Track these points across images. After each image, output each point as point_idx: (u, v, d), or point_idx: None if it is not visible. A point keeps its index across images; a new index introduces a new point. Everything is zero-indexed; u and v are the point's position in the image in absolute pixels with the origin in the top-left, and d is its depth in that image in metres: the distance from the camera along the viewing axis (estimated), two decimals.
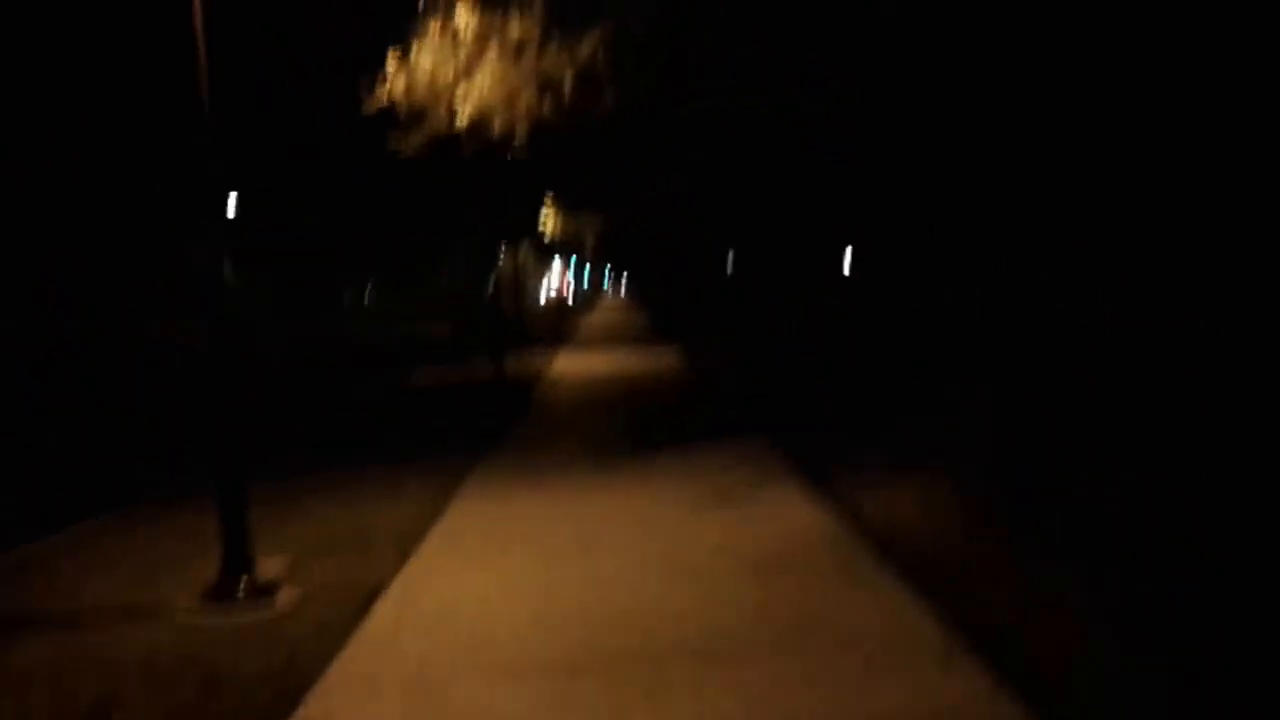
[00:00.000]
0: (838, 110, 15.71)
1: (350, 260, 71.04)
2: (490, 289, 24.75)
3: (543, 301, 53.63)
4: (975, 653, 5.49)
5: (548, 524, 9.30)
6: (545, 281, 57.04)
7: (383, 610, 7.06)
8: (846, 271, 24.31)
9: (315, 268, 71.35)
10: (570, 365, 26.55)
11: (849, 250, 23.74)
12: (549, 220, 37.47)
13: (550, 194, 33.93)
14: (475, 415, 17.38)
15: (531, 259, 33.85)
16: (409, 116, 15.71)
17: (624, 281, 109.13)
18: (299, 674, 6.02)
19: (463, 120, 15.13)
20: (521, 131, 15.50)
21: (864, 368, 16.23)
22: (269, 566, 8.06)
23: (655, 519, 9.20)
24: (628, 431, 14.82)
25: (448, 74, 15.34)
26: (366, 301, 71.00)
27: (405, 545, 8.80)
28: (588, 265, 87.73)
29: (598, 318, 57.47)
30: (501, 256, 30.06)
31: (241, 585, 7.48)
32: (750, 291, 32.07)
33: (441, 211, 27.91)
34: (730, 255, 33.30)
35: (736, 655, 5.81)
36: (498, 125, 15.24)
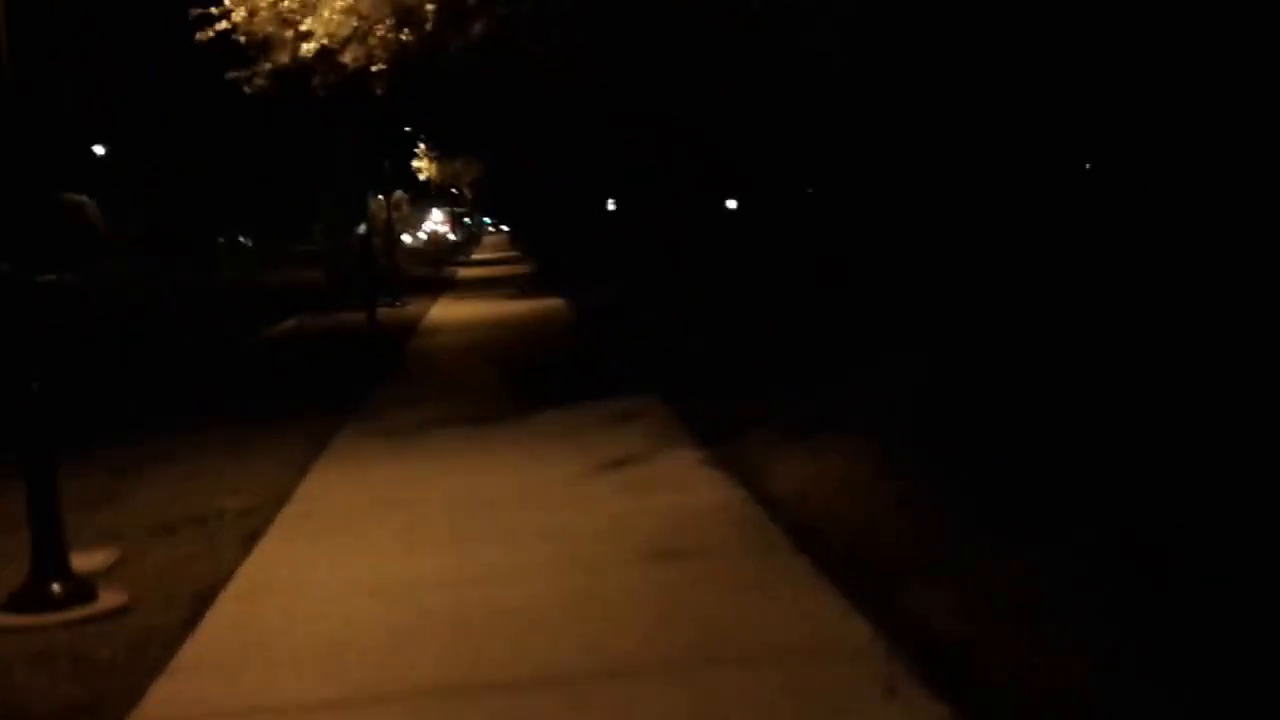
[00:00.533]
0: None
1: (222, 208, 69.49)
2: (361, 236, 23.48)
3: (423, 249, 52.14)
4: (921, 671, 4.61)
5: (417, 500, 8.26)
6: (425, 230, 55.59)
7: (217, 618, 6.01)
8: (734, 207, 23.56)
9: (186, 215, 69.76)
10: (449, 314, 25.44)
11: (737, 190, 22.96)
12: (425, 167, 36.22)
13: (423, 138, 32.67)
14: (343, 369, 16.30)
15: (407, 206, 32.49)
16: (253, 46, 14.37)
17: (507, 230, 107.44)
18: (109, 708, 4.98)
19: (312, 47, 13.79)
20: (379, 64, 14.18)
21: (763, 318, 15.39)
22: (92, 560, 6.93)
23: (539, 493, 8.20)
24: (508, 387, 13.82)
25: None
26: (242, 249, 69.27)
27: (253, 527, 7.74)
28: (468, 214, 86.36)
29: (480, 266, 56.14)
30: (373, 203, 28.88)
31: (54, 589, 6.33)
32: (636, 238, 31.17)
33: (305, 154, 26.75)
34: (612, 200, 32.33)
35: (635, 675, 4.90)
36: (350, 56, 13.90)
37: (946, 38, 12.22)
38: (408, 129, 30.99)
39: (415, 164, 36.83)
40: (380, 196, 28.84)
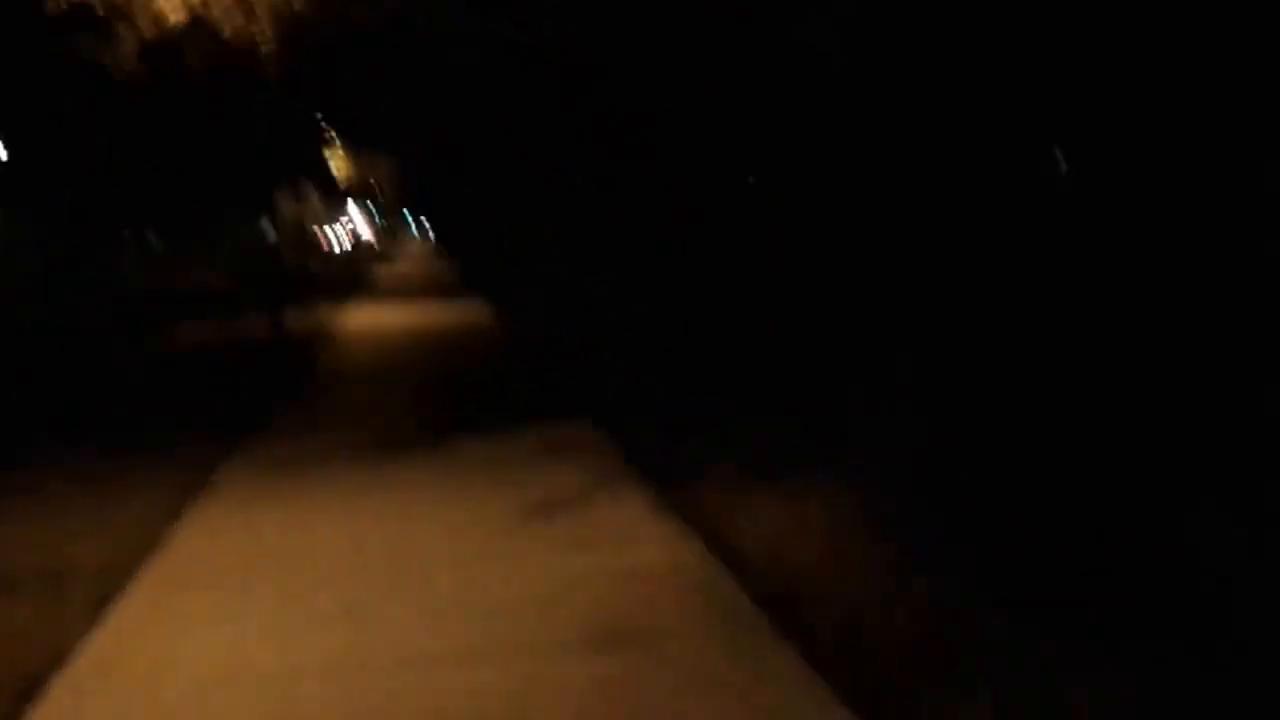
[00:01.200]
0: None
1: (126, 205, 67.42)
2: (266, 236, 22.16)
3: (337, 250, 50.53)
4: None
5: (312, 553, 7.08)
6: (339, 229, 53.95)
7: (44, 714, 4.86)
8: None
9: (85, 214, 67.42)
10: (365, 323, 24.15)
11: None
12: (337, 162, 34.76)
13: (330, 129, 31.23)
14: (239, 385, 15.01)
15: (318, 204, 31.08)
16: (113, 16, 12.68)
17: (428, 230, 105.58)
18: None
19: (180, 18, 12.13)
20: (266, 43, 12.51)
21: (720, 335, 14.34)
22: None
23: (457, 546, 7.06)
24: (425, 409, 12.64)
25: None
26: (147, 251, 67.23)
27: (111, 585, 6.57)
28: (382, 214, 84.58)
29: (399, 268, 54.53)
30: (281, 200, 27.57)
31: None
32: (570, 241, 30.04)
33: (194, 147, 25.26)
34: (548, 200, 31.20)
35: None
36: (229, 29, 12.25)
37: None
38: (318, 115, 29.52)
39: (326, 154, 35.31)
40: (284, 188, 27.51)
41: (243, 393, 14.16)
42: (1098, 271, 9.09)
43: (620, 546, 6.77)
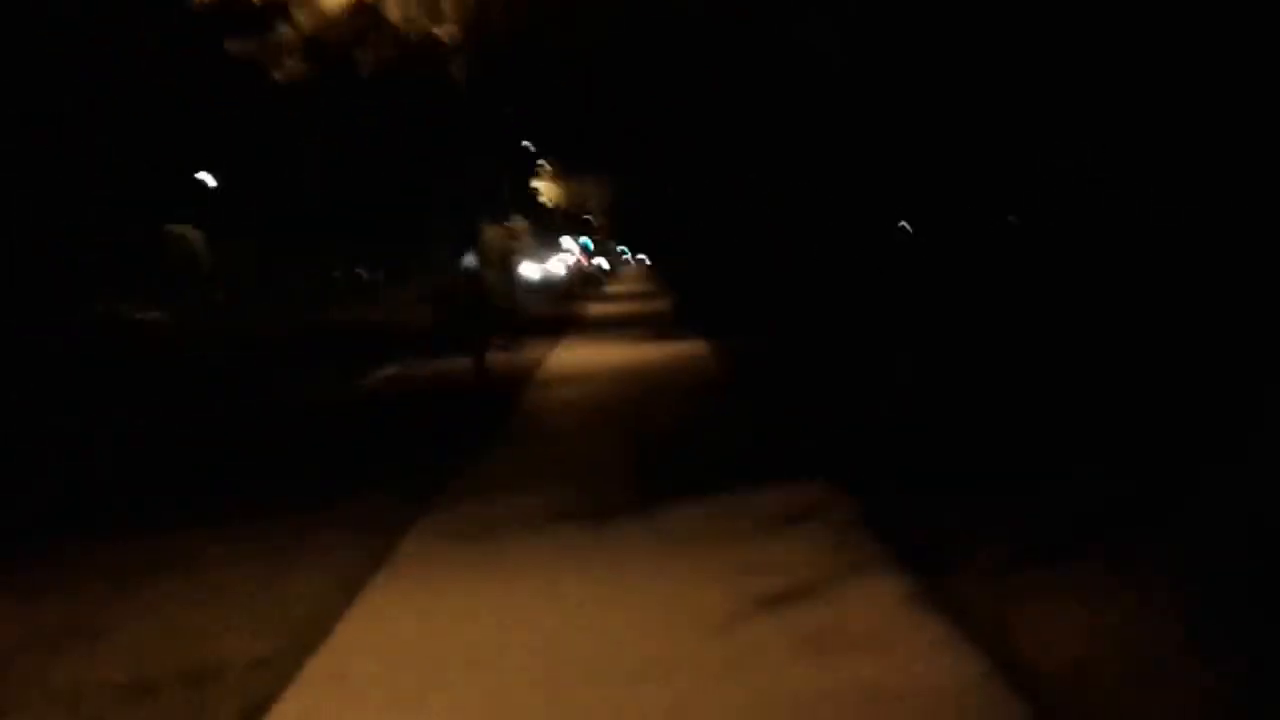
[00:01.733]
0: None
1: (338, 238, 69.03)
2: (470, 269, 21.68)
3: (546, 283, 50.43)
4: None
5: (495, 657, 6.18)
6: (549, 262, 53.88)
7: None
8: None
9: (299, 247, 69.55)
10: (571, 362, 23.51)
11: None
12: (546, 187, 34.34)
13: (541, 155, 30.86)
14: (434, 435, 14.40)
15: (527, 235, 30.72)
16: (268, 5, 11.60)
17: (641, 262, 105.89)
18: None
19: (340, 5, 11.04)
20: (451, 31, 11.33)
21: (969, 377, 13.17)
22: None
23: (675, 650, 6.06)
24: (637, 464, 11.78)
25: None
26: (355, 284, 68.61)
27: (263, 691, 5.85)
28: (594, 244, 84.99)
29: (611, 305, 54.31)
30: (488, 230, 27.23)
31: None
32: (794, 271, 29.01)
33: (423, 177, 25.29)
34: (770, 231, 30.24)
35: None
36: (399, 13, 11.09)
37: None
38: (527, 144, 29.20)
39: (535, 184, 34.94)
40: (497, 223, 27.19)
41: (437, 443, 13.54)
42: None
43: (877, 656, 5.70)
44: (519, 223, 29.89)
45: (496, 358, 22.80)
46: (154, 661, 6.43)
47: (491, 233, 28.09)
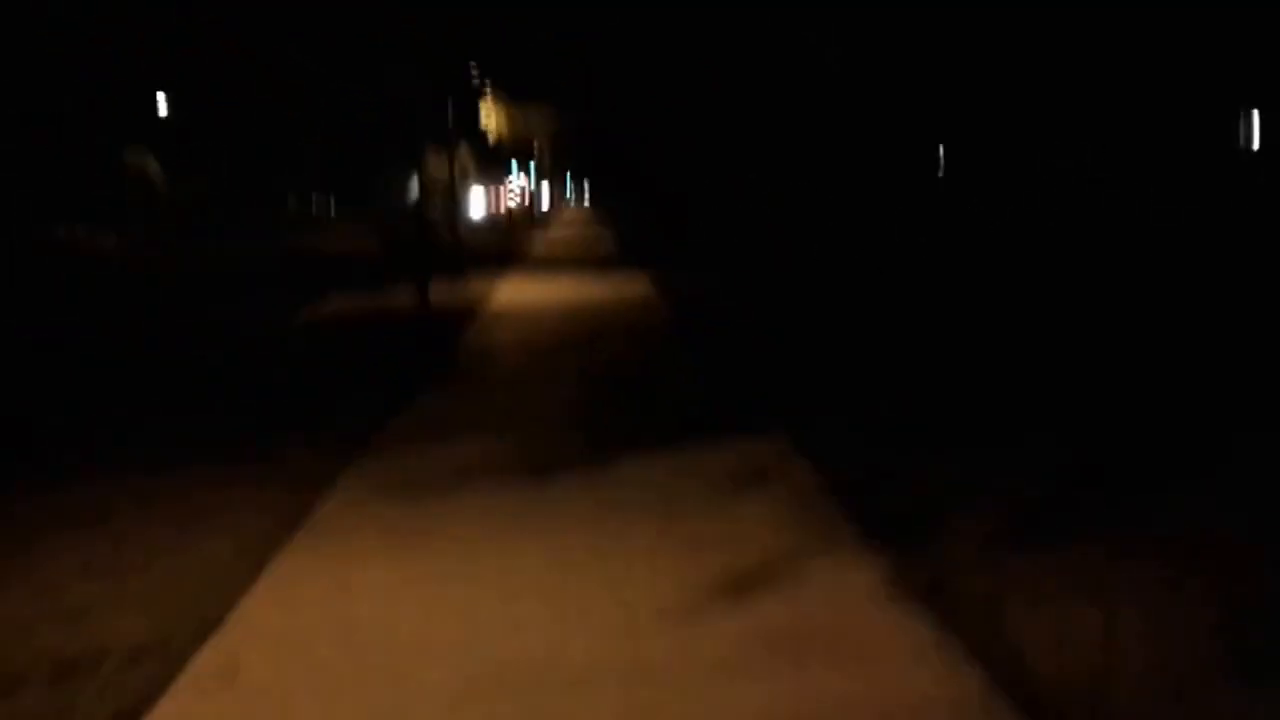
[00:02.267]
0: None
1: (292, 165, 67.45)
2: (415, 199, 20.60)
3: (491, 216, 49.12)
4: None
5: (411, 651, 5.28)
6: (493, 192, 52.49)
7: None
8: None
9: (253, 173, 68.11)
10: (518, 296, 22.56)
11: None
12: (490, 116, 33.10)
13: (487, 82, 29.63)
14: (374, 370, 13.54)
15: (470, 164, 29.51)
16: None
17: (587, 193, 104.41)
18: None
19: None
20: None
21: (932, 309, 12.38)
22: None
23: (617, 651, 5.14)
24: (582, 412, 10.88)
25: None
26: (316, 212, 67.19)
27: (136, 691, 4.91)
28: (543, 177, 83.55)
29: (557, 234, 53.01)
30: (432, 158, 26.06)
31: None
32: (758, 202, 28.18)
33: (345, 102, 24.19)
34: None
35: None
36: None
37: None
38: (473, 66, 27.96)
39: (482, 115, 33.73)
40: (435, 147, 25.94)
41: (373, 383, 12.62)
42: None
43: (852, 666, 4.81)
44: (463, 151, 28.63)
45: (441, 292, 21.85)
46: (23, 648, 5.49)
47: (435, 162, 26.89)
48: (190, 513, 7.57)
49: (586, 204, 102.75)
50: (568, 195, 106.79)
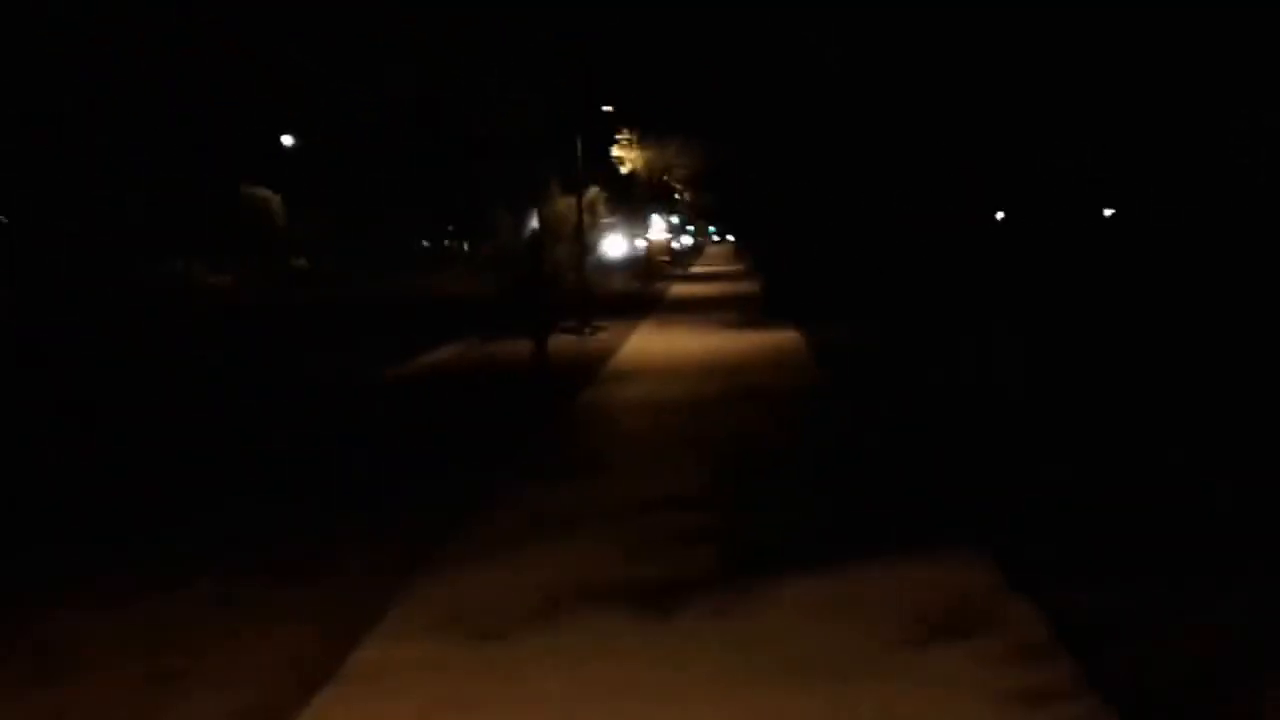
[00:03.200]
0: None
1: (425, 202, 66.48)
2: (531, 238, 18.79)
3: (629, 258, 47.14)
4: None
5: None
6: (631, 233, 50.68)
7: None
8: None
9: (380, 213, 67.40)
10: (647, 346, 20.61)
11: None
12: (626, 154, 31.20)
13: (619, 120, 27.80)
14: (468, 440, 11.66)
15: (603, 204, 27.65)
16: None
17: (730, 240, 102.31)
18: None
19: None
20: None
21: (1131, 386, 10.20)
22: None
23: None
24: (712, 505, 8.79)
25: None
26: (450, 252, 66.27)
27: None
28: (682, 217, 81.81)
29: (695, 275, 51.14)
30: (559, 200, 24.31)
31: None
32: (893, 256, 26.11)
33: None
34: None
35: None
36: None
37: None
38: (606, 109, 26.23)
39: (616, 153, 31.83)
40: (559, 187, 24.08)
41: (463, 459, 10.70)
42: None
43: None
44: (594, 193, 26.75)
45: (562, 343, 20.02)
46: None
47: (563, 202, 25.08)
48: (233, 650, 5.68)
49: (728, 243, 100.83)
50: (710, 235, 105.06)
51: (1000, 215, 27.52)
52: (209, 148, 51.92)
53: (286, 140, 64.45)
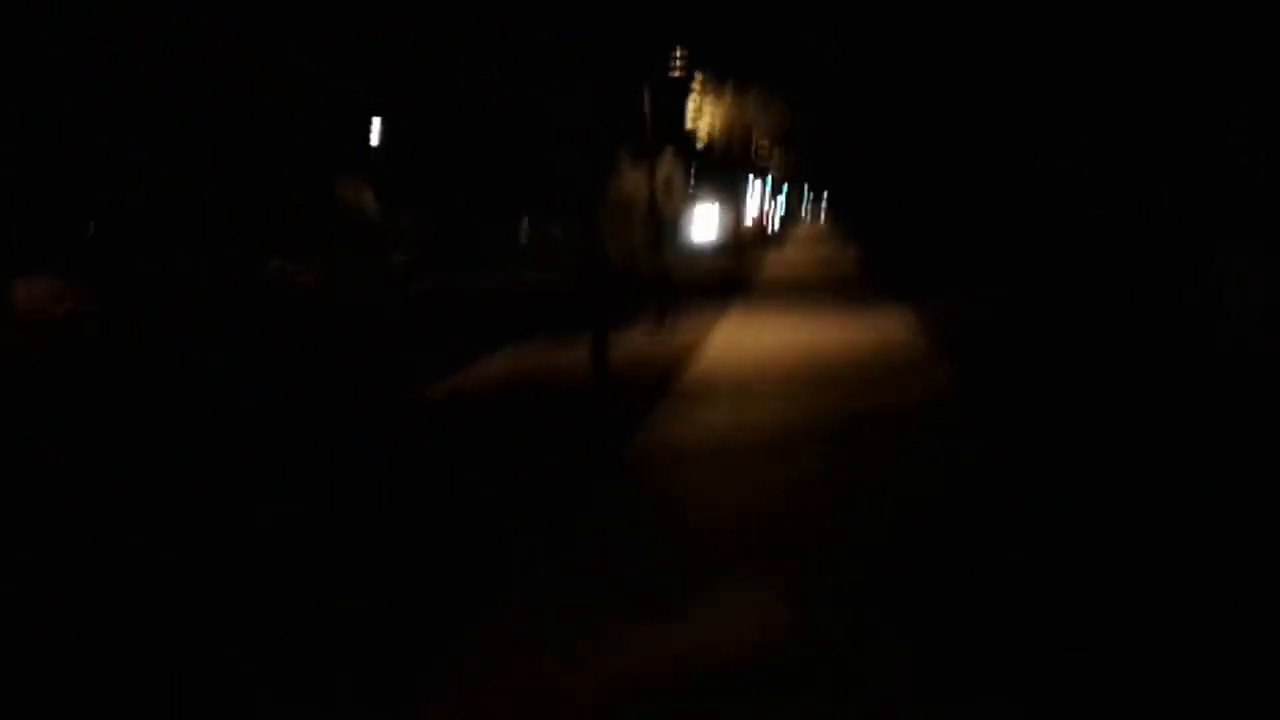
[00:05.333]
0: None
1: (520, 193, 64.33)
2: (590, 224, 15.57)
3: (709, 242, 43.50)
4: None
5: None
6: (723, 210, 47.23)
7: None
8: None
9: (479, 204, 65.73)
10: (736, 344, 17.38)
11: None
12: (702, 114, 27.74)
13: (695, 72, 24.40)
14: (487, 507, 8.49)
15: (680, 176, 24.28)
16: None
17: (824, 206, 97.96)
18: None
19: None
20: None
21: None
22: None
23: None
24: (825, 580, 5.89)
25: None
26: (548, 242, 63.93)
27: None
28: (774, 189, 78.06)
29: (790, 256, 47.45)
30: (629, 169, 21.26)
31: None
32: (1015, 220, 22.79)
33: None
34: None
35: None
36: None
37: None
38: (676, 62, 22.96)
39: (690, 110, 28.24)
40: (641, 162, 21.01)
41: (475, 546, 7.58)
42: None
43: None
44: (669, 162, 23.43)
45: (636, 342, 16.94)
46: None
47: (633, 176, 21.93)
48: None
49: (823, 219, 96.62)
50: (803, 208, 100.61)
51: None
52: (301, 147, 51.37)
53: (374, 139, 63.60)
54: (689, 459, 9.96)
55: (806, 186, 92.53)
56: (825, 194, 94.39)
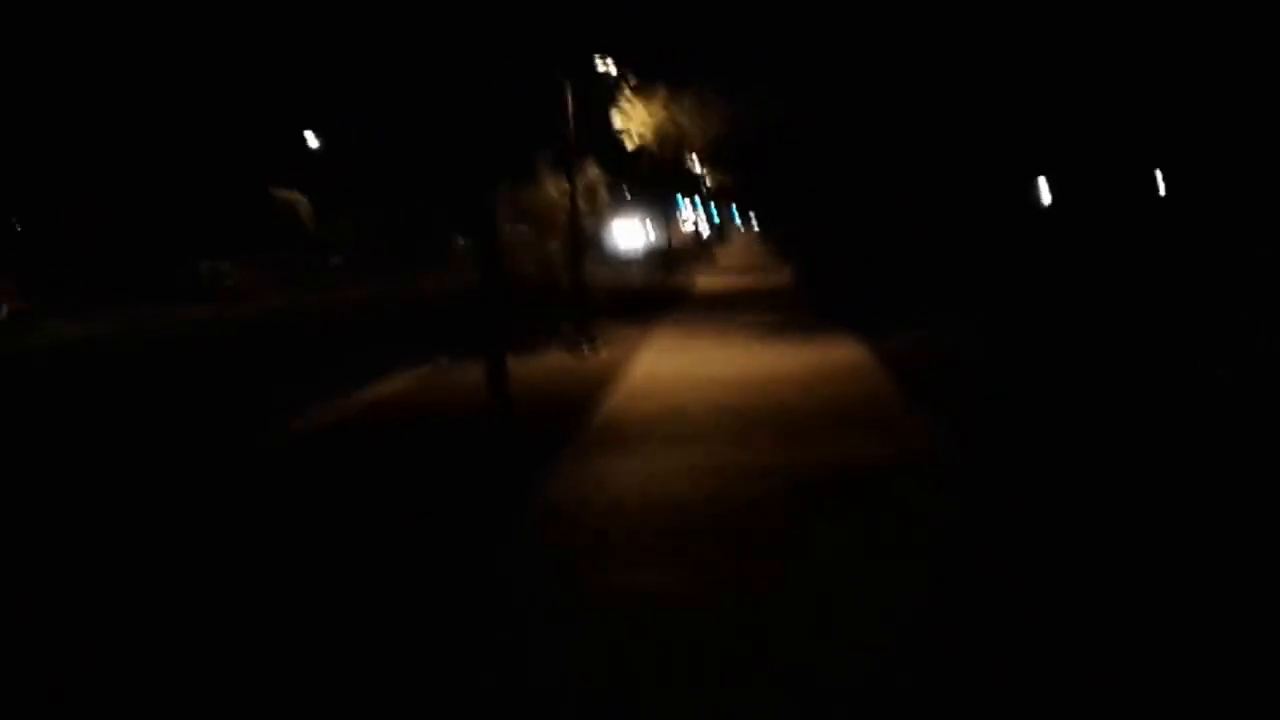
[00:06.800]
0: None
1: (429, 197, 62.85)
2: (485, 236, 13.24)
3: (642, 254, 41.25)
4: None
5: None
6: (644, 229, 44.93)
7: None
8: None
9: (414, 210, 64.37)
10: (663, 369, 15.20)
11: None
12: (629, 113, 25.55)
13: (623, 72, 22.37)
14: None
15: (601, 188, 22.00)
16: None
17: (753, 217, 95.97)
18: None
19: None
20: None
21: None
22: None
23: None
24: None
25: None
26: (461, 243, 62.36)
27: None
28: (704, 198, 75.97)
29: (722, 267, 45.13)
30: (549, 180, 19.22)
31: None
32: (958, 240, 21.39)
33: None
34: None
35: None
36: None
37: None
38: (602, 59, 20.96)
39: (618, 115, 26.04)
40: (547, 161, 19.08)
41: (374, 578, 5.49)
42: None
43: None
44: (594, 173, 21.18)
45: (550, 364, 14.85)
46: None
47: (553, 185, 19.77)
48: None
49: (755, 229, 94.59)
50: (732, 219, 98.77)
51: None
52: (237, 152, 51.28)
53: (312, 143, 62.76)
54: (609, 501, 7.86)
55: (734, 206, 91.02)
56: (752, 214, 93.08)
